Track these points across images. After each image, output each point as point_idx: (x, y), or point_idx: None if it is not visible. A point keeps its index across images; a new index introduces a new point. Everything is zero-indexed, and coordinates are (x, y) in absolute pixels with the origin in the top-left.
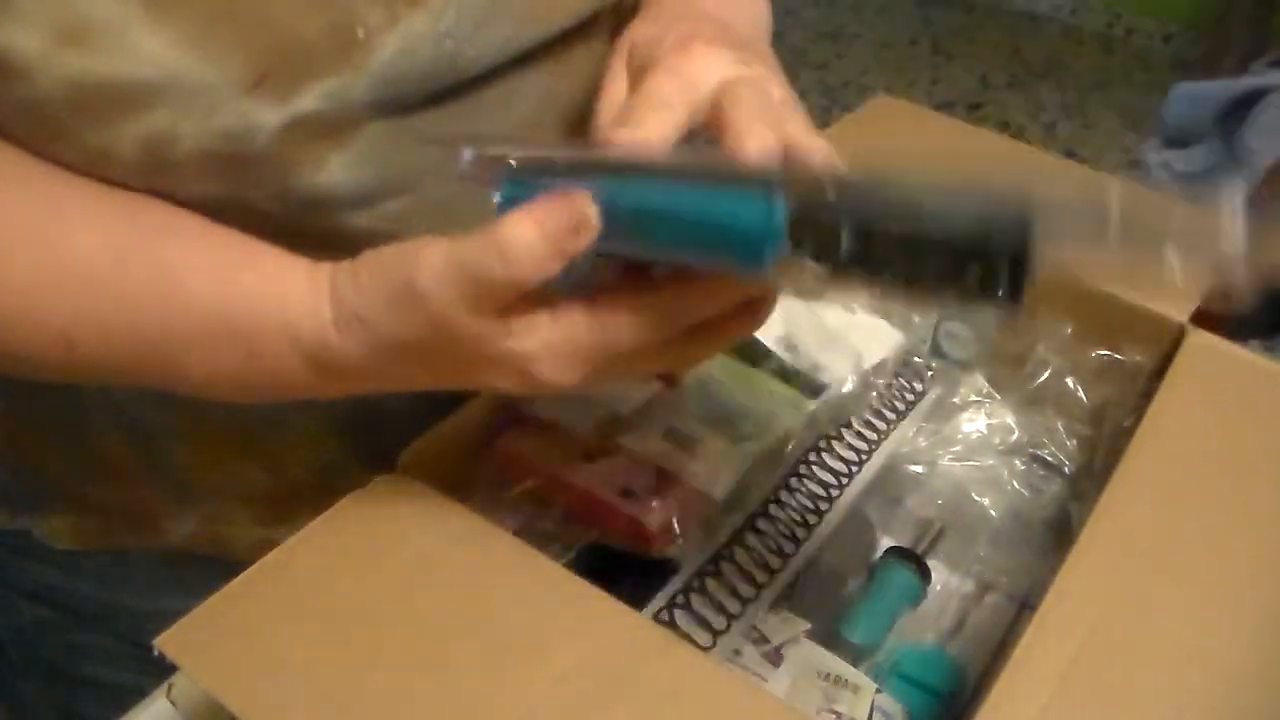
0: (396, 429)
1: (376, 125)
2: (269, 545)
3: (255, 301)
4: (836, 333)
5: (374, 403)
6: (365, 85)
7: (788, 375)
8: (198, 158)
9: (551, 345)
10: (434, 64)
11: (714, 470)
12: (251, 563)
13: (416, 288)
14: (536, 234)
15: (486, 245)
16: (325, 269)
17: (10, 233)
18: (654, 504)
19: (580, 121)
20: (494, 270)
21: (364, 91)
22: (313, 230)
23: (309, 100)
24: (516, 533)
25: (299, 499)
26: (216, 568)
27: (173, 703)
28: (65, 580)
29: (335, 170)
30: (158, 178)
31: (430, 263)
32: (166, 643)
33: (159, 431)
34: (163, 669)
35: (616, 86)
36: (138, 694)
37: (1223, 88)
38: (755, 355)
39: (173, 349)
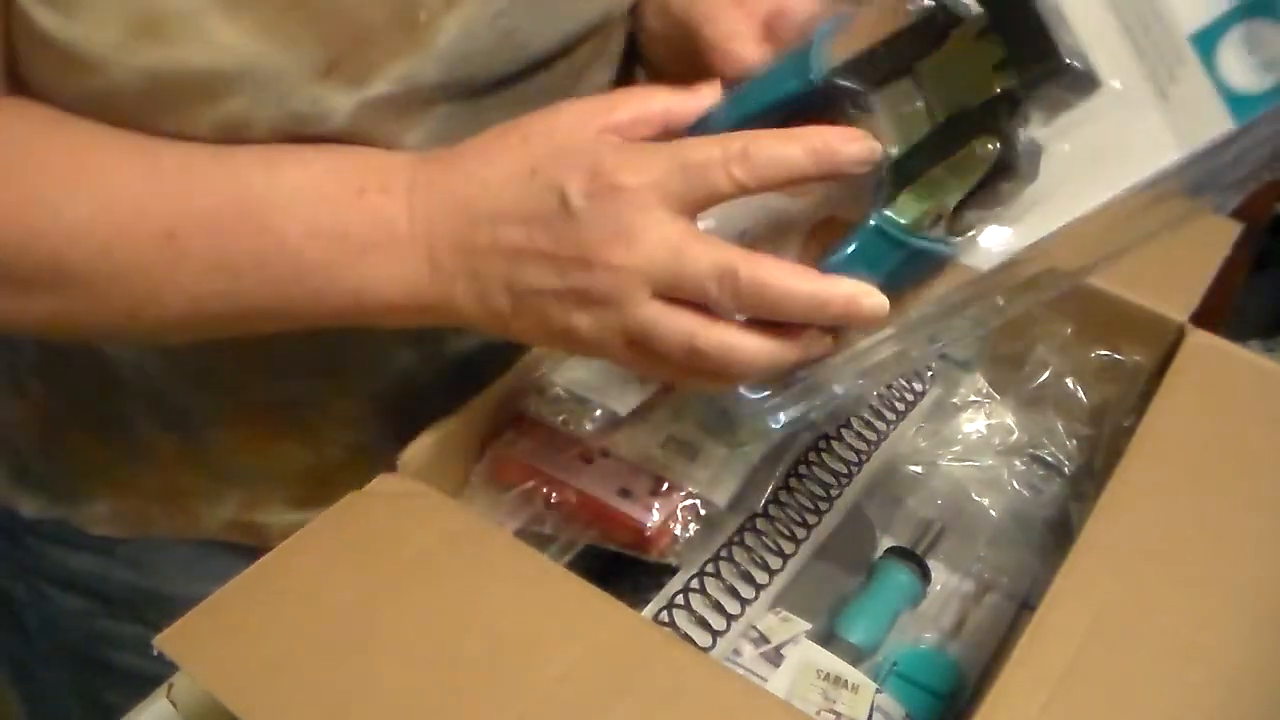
0: (433, 411)
1: (446, 108)
2: None
3: (352, 154)
4: None
5: (412, 384)
6: (433, 67)
7: None
8: (272, 142)
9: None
10: (494, 44)
11: (715, 477)
12: None
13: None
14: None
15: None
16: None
17: (111, 149)
18: (654, 506)
19: None
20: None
21: (432, 74)
22: None
23: (380, 84)
24: (516, 533)
25: (335, 479)
26: (249, 558)
27: (173, 703)
28: (99, 567)
29: (409, 150)
30: None
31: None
32: (166, 642)
33: (198, 416)
34: None
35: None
36: (161, 683)
37: None
38: None
39: (271, 213)
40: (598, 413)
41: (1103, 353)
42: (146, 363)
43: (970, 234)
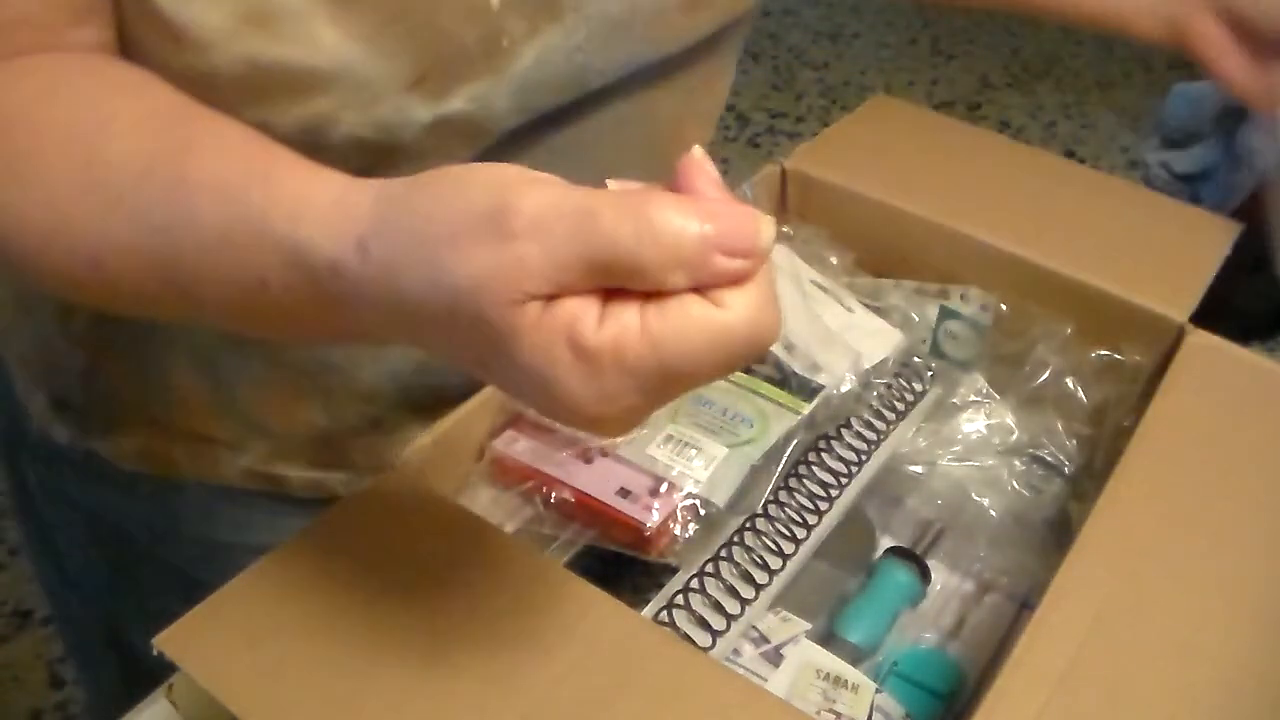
0: (453, 388)
1: (509, 132)
2: (319, 487)
3: (260, 222)
4: (836, 332)
5: (428, 367)
6: (505, 90)
7: (781, 380)
8: (349, 144)
9: (628, 361)
10: (566, 75)
11: (715, 477)
12: (303, 501)
13: (509, 209)
14: (697, 231)
15: (631, 212)
16: (372, 184)
17: (56, 144)
18: (653, 506)
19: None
20: (628, 242)
21: (504, 96)
22: None
23: (458, 101)
24: (516, 532)
25: (352, 444)
26: (266, 507)
27: (173, 703)
28: (123, 502)
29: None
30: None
31: (541, 195)
32: (166, 642)
33: (231, 372)
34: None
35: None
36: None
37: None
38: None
39: (184, 276)
40: None
41: (1103, 352)
42: None
43: None
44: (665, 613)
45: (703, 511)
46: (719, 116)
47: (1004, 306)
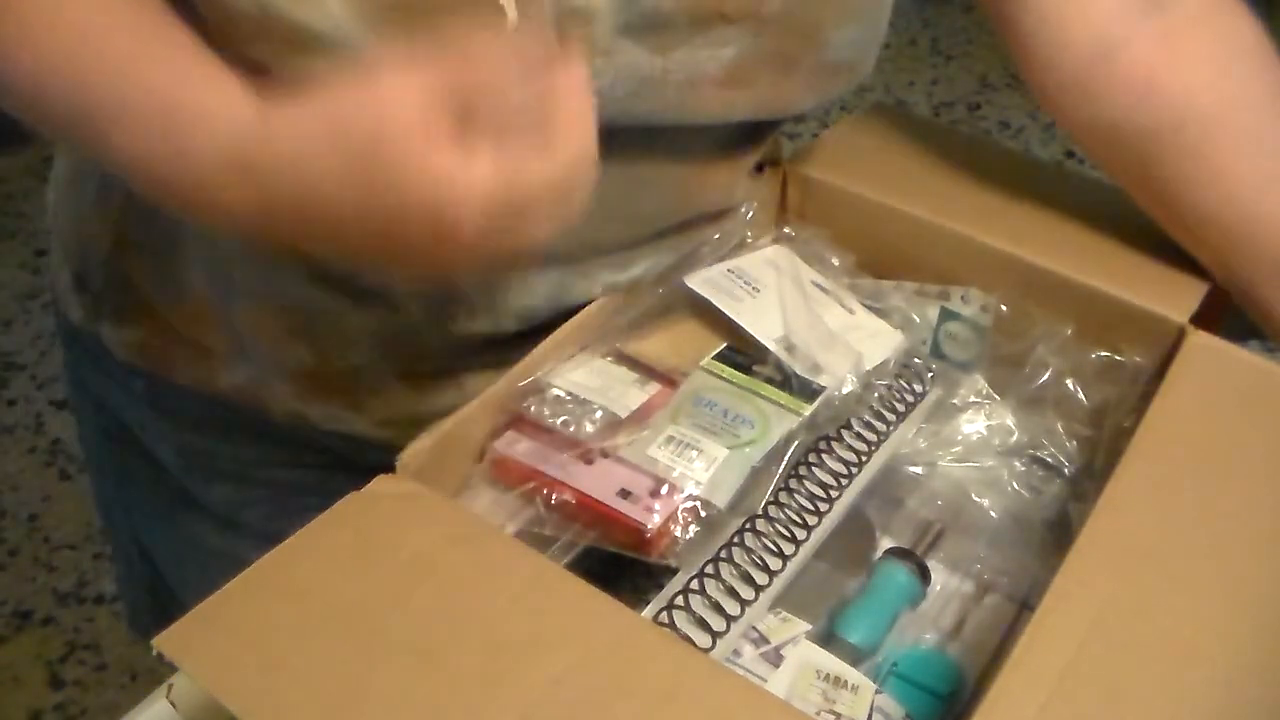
0: (430, 358)
1: None
2: (299, 418)
3: (182, 83)
4: (836, 333)
5: (415, 337)
6: None
7: (782, 382)
8: None
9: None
10: None
11: (715, 478)
12: (284, 426)
13: (372, 82)
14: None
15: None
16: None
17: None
18: (654, 507)
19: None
20: (462, 69)
21: None
22: None
23: None
24: (516, 533)
25: (333, 386)
26: (249, 423)
27: (173, 703)
28: (121, 396)
29: None
30: None
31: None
32: (165, 642)
33: (236, 288)
34: (188, 512)
35: None
36: (169, 523)
37: None
38: (748, 363)
39: (101, 120)
40: (598, 414)
41: (1103, 353)
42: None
43: None
44: (665, 613)
45: (703, 513)
46: (752, 165)
47: (1004, 308)
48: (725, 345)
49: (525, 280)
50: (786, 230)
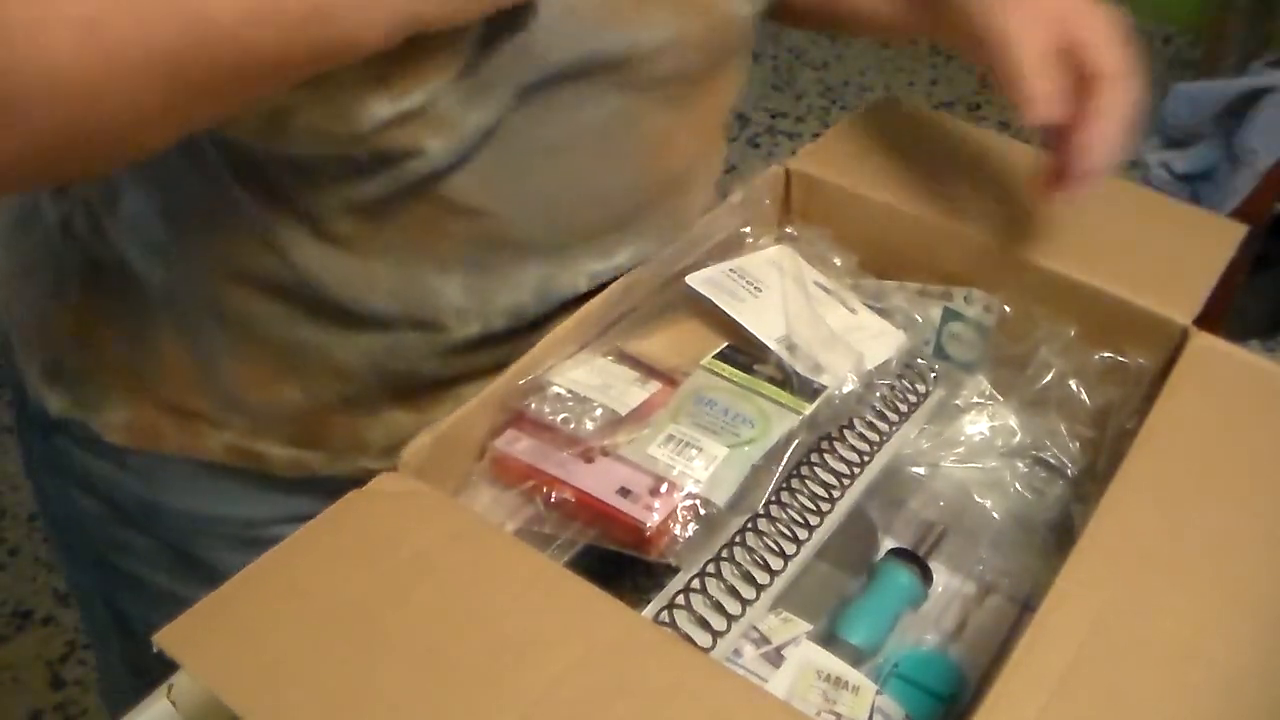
0: (426, 372)
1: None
2: (299, 464)
3: None
4: (839, 333)
5: (407, 356)
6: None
7: (783, 381)
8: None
9: None
10: (514, 62)
11: (715, 477)
12: (285, 479)
13: None
14: None
15: None
16: None
17: None
18: (654, 506)
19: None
20: None
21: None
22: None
23: (418, 97)
24: (516, 532)
25: (329, 423)
26: (251, 482)
27: (173, 703)
28: (113, 474)
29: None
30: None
31: None
32: (166, 640)
33: (213, 345)
34: (196, 576)
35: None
36: (169, 598)
37: (1222, 88)
38: (749, 362)
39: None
40: (598, 412)
41: (1106, 355)
42: (176, 286)
43: None
44: (666, 613)
45: (703, 511)
46: (723, 129)
47: (1007, 308)
48: (726, 344)
49: (511, 277)
50: (789, 230)
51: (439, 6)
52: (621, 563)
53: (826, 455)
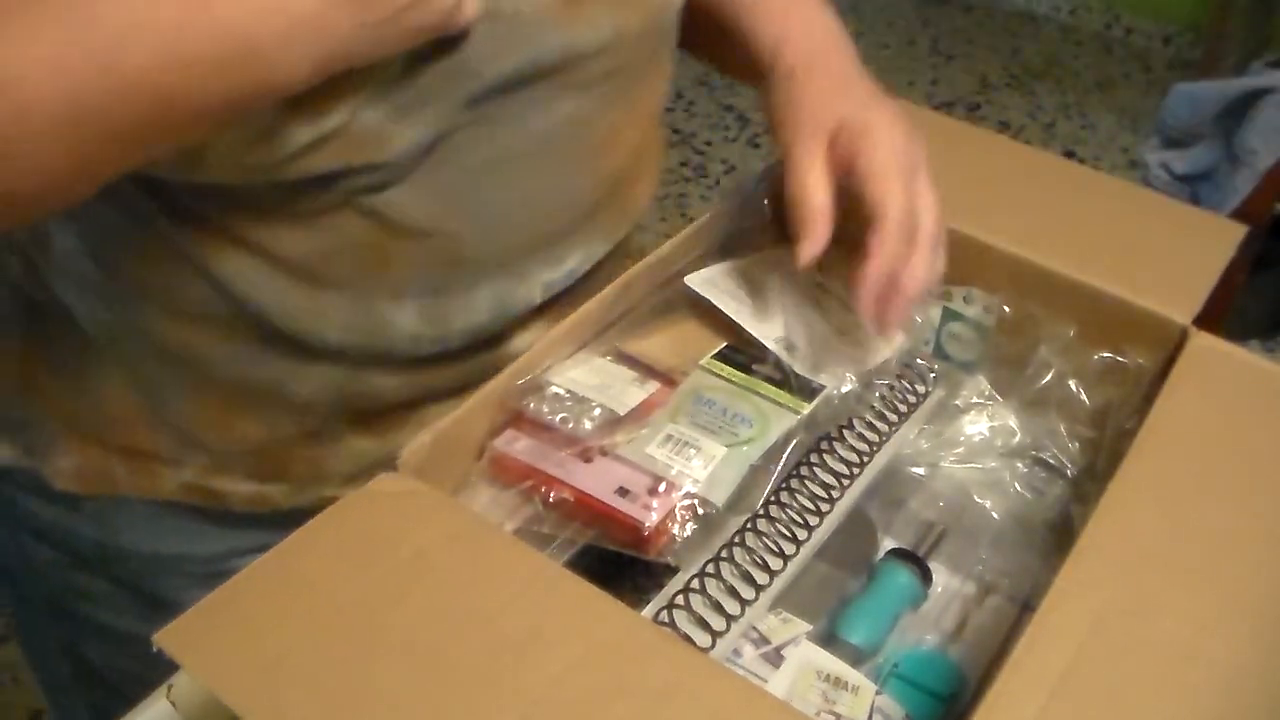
0: (387, 396)
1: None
2: (261, 500)
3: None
4: (838, 334)
5: (368, 372)
6: (382, 104)
7: (782, 381)
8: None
9: None
10: (445, 81)
11: (713, 477)
12: (246, 514)
13: None
14: None
15: None
16: None
17: None
18: (652, 505)
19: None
20: None
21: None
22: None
23: (337, 116)
24: (515, 531)
25: (290, 456)
26: (211, 519)
27: (173, 703)
28: (67, 520)
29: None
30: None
31: None
32: (166, 639)
33: (165, 387)
34: (163, 617)
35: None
36: (135, 640)
37: (1222, 88)
38: (747, 362)
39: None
40: (596, 412)
41: (1106, 355)
42: (115, 326)
43: None
44: (665, 613)
45: (701, 511)
46: (661, 116)
47: (1007, 308)
48: (725, 344)
49: (466, 298)
50: (789, 230)
51: (366, 44)
52: (621, 563)
53: (826, 455)
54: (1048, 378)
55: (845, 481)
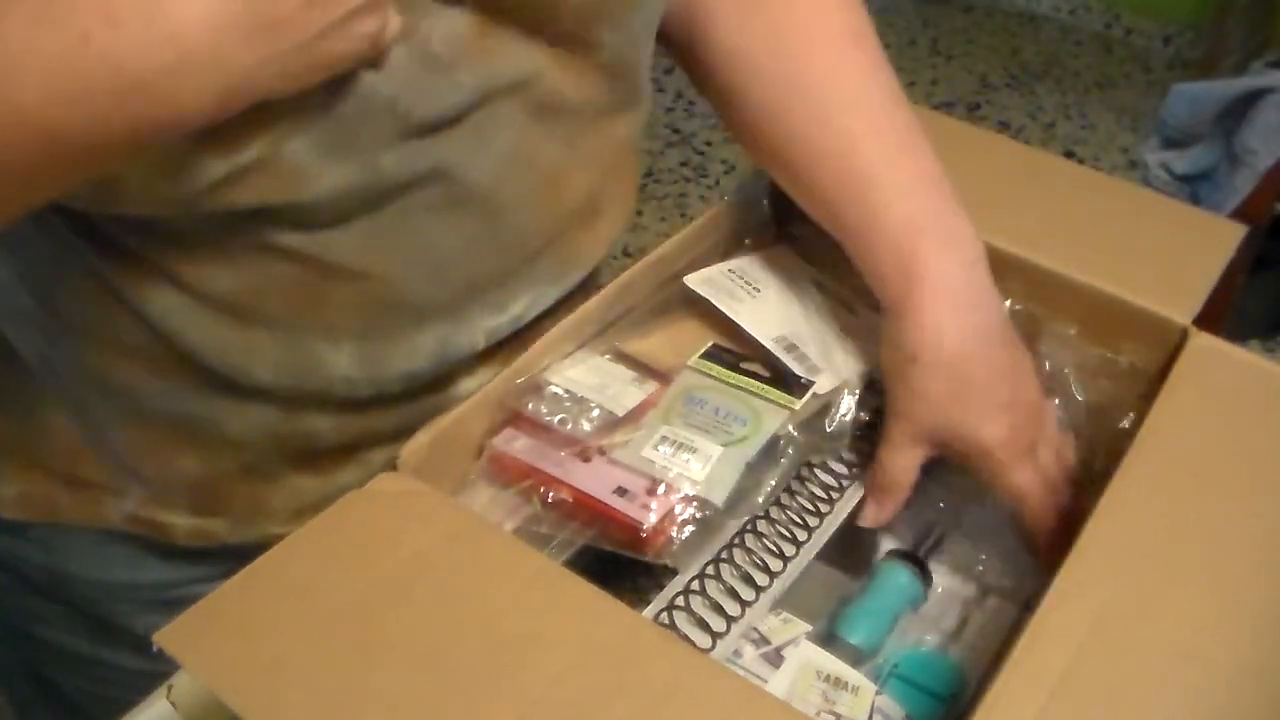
0: (325, 436)
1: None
2: (203, 534)
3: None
4: (838, 334)
5: (304, 413)
6: (303, 139)
7: (771, 378)
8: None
9: None
10: (371, 119)
11: (711, 477)
12: (189, 549)
13: None
14: None
15: None
16: None
17: None
18: (650, 506)
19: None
20: None
21: (301, 143)
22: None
23: (255, 149)
24: (514, 530)
25: (230, 491)
26: (156, 551)
27: (173, 704)
28: (14, 546)
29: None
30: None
31: None
32: (166, 639)
33: (102, 418)
34: (116, 640)
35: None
36: (94, 661)
37: (1222, 88)
38: (735, 361)
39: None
40: (595, 412)
41: (1106, 354)
42: (54, 358)
43: None
44: (665, 613)
45: (699, 512)
46: (630, 155)
47: (1006, 308)
48: (711, 344)
49: (405, 343)
50: (788, 230)
51: (274, 78)
52: (621, 563)
53: (826, 456)
54: (1048, 377)
55: (845, 483)
